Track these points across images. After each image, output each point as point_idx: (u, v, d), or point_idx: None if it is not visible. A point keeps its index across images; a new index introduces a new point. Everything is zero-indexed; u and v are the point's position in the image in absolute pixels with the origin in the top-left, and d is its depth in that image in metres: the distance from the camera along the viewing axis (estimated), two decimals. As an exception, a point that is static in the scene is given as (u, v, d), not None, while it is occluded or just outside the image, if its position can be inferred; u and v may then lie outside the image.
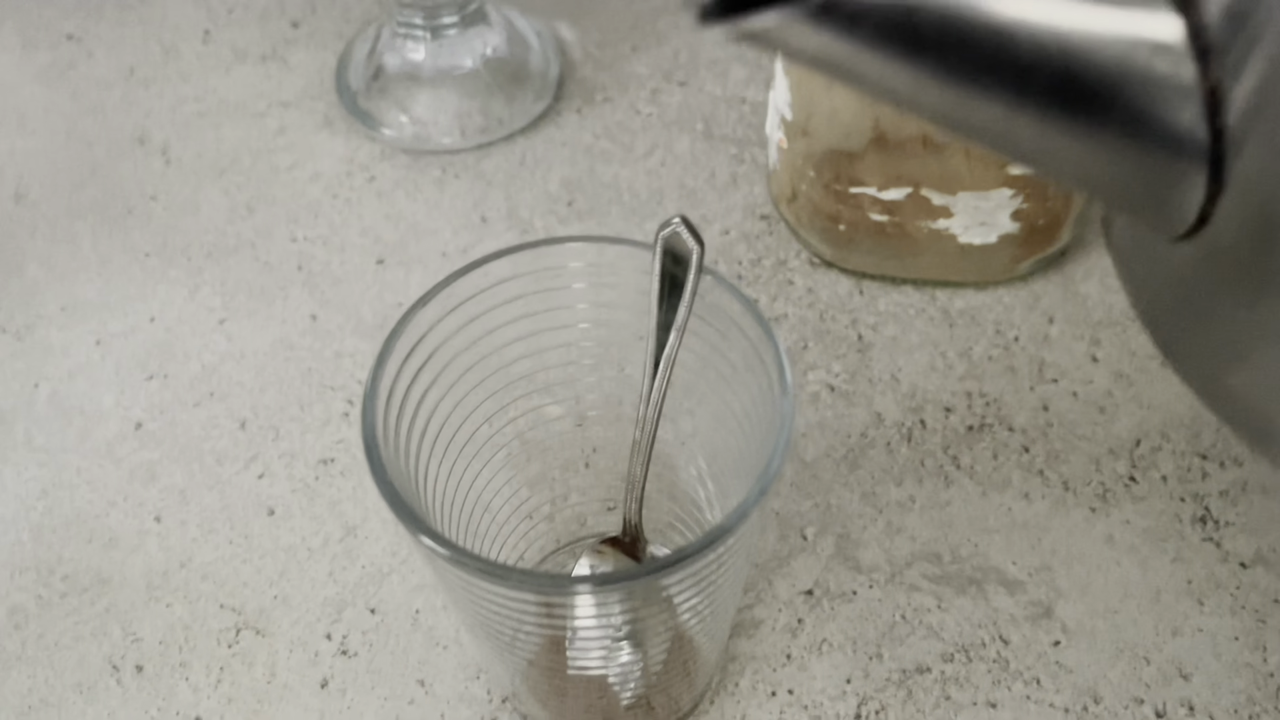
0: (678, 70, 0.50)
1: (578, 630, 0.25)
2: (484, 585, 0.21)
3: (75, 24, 0.52)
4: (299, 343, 0.41)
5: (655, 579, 0.21)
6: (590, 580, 0.21)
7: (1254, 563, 0.35)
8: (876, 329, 0.41)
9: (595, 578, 0.21)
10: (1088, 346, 0.40)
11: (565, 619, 0.24)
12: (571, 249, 0.26)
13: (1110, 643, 0.33)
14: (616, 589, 0.21)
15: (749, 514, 0.22)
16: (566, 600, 0.23)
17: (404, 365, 0.25)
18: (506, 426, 0.30)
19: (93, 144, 0.47)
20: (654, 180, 0.45)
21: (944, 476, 0.37)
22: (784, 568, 0.35)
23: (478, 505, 0.30)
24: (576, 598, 0.22)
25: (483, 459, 0.30)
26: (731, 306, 0.25)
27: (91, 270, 0.43)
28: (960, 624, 0.34)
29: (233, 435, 0.39)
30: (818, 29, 0.16)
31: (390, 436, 0.24)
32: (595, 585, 0.21)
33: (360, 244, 0.44)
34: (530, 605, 0.23)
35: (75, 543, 0.36)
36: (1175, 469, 0.37)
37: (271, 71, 0.50)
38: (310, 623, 0.34)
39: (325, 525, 0.36)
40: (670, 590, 0.22)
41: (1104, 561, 0.35)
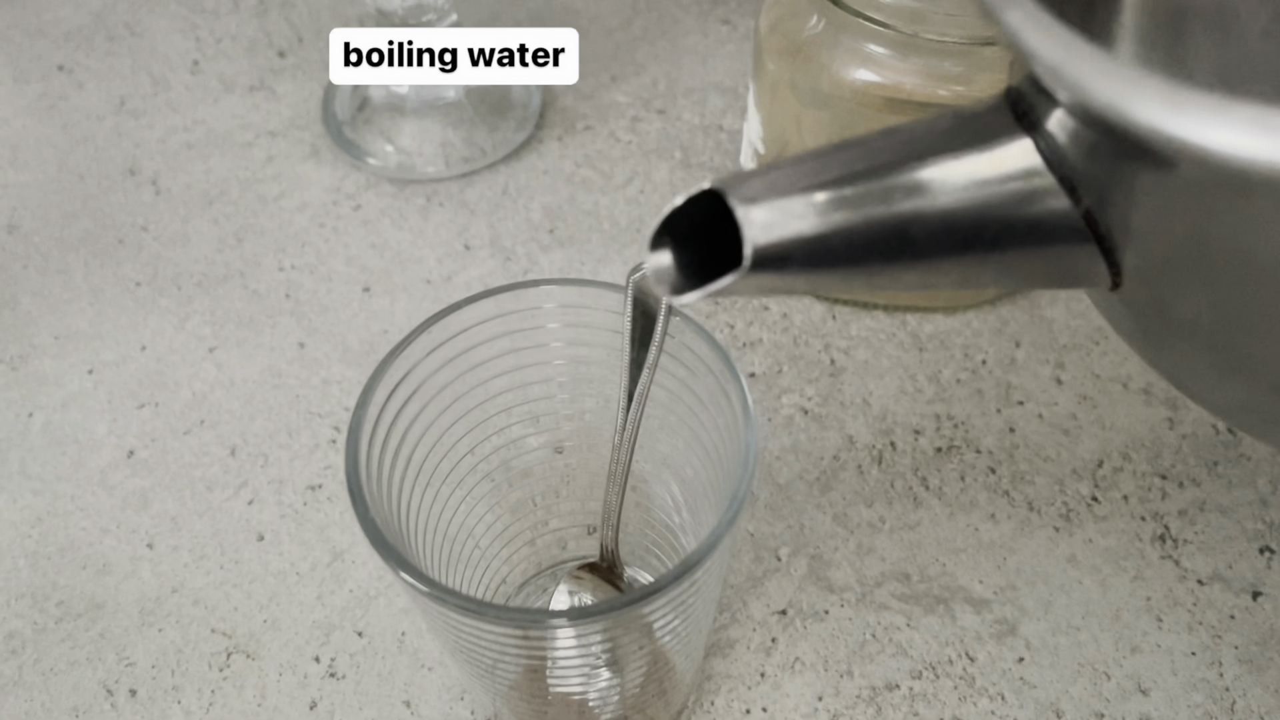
0: (656, 99, 0.51)
1: (557, 659, 0.26)
2: (463, 620, 0.23)
3: (65, 55, 0.53)
4: (287, 370, 0.42)
5: (631, 610, 0.22)
6: (567, 615, 0.22)
7: (1211, 580, 0.36)
8: (849, 353, 0.42)
9: (572, 612, 0.22)
10: (1053, 370, 0.41)
11: (544, 649, 0.25)
12: (547, 291, 0.27)
13: (1072, 659, 0.35)
14: (593, 621, 0.22)
15: (718, 543, 0.23)
16: (545, 633, 0.24)
17: (386, 403, 0.26)
18: (490, 456, 0.31)
19: (84, 176, 0.48)
20: (633, 208, 0.47)
21: (913, 498, 0.38)
22: (758, 588, 0.36)
23: (460, 530, 0.31)
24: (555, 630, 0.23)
25: (465, 487, 0.31)
26: (699, 346, 0.26)
27: (84, 300, 0.44)
28: (928, 642, 0.35)
29: (223, 462, 0.40)
30: (759, 276, 0.20)
31: (373, 471, 0.25)
32: (572, 619, 0.22)
33: (347, 272, 0.45)
34: (510, 637, 0.24)
35: (70, 569, 0.37)
36: (1136, 489, 0.38)
37: (259, 102, 0.51)
38: (299, 646, 0.36)
39: (313, 550, 0.37)
40: (647, 618, 0.24)
41: (1066, 581, 0.36)
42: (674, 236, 0.22)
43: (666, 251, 0.22)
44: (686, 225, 0.22)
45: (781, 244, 0.20)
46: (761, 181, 0.20)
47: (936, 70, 0.33)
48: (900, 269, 0.21)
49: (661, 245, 0.22)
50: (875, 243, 0.21)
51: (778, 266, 0.20)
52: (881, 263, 0.21)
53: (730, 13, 0.54)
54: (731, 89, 0.51)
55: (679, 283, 0.22)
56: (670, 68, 0.52)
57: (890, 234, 0.20)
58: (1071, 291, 0.43)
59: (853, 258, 0.21)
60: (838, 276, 0.21)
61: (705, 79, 0.52)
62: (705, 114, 0.50)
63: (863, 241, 0.20)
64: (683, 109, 0.50)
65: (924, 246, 0.21)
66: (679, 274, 0.22)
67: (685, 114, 0.50)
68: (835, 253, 0.21)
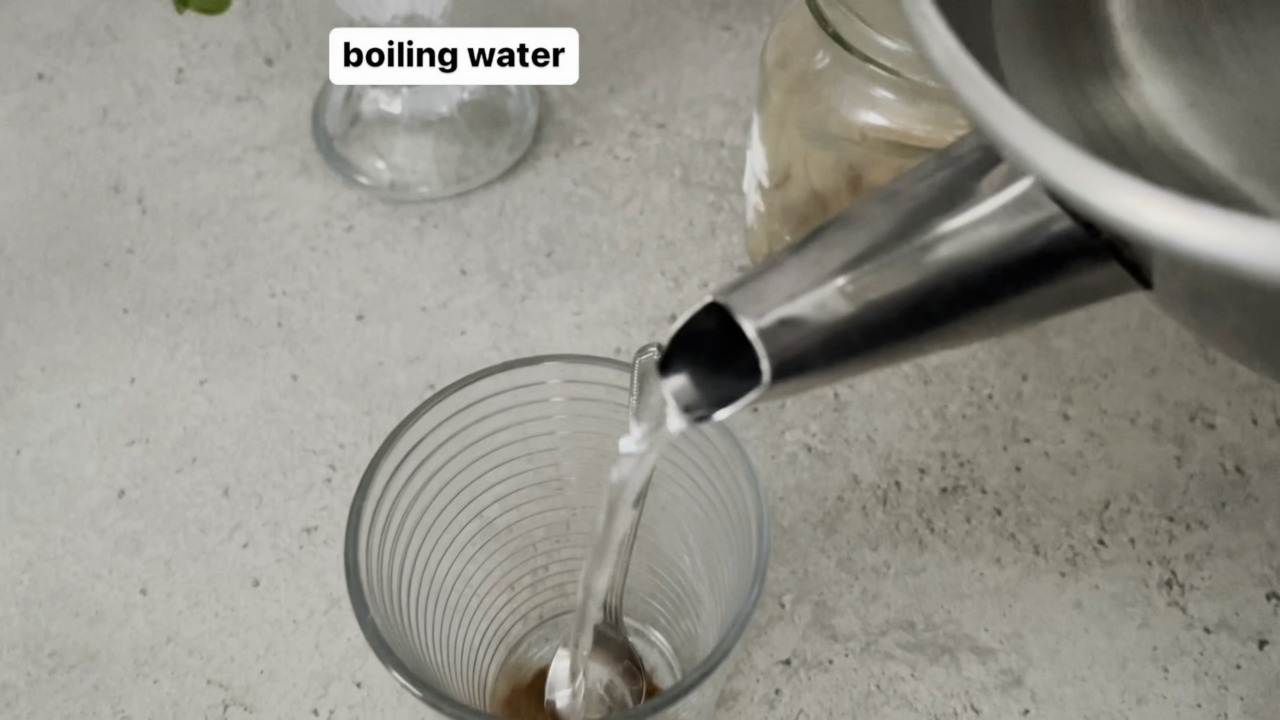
0: (656, 112, 0.50)
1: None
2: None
3: (45, 62, 0.52)
4: (280, 404, 0.41)
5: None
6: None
7: (1218, 628, 0.36)
8: (853, 386, 0.41)
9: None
10: (1060, 405, 0.41)
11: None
12: (551, 368, 0.27)
13: (1078, 711, 0.34)
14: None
15: (729, 651, 0.22)
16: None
17: (390, 481, 0.26)
18: (497, 519, 0.31)
19: (67, 194, 0.47)
20: (633, 230, 0.46)
21: (918, 541, 0.38)
22: (762, 637, 0.36)
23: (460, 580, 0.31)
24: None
25: (471, 549, 0.30)
26: (715, 437, 0.26)
27: (70, 329, 0.43)
28: (933, 693, 0.35)
29: (216, 503, 0.39)
30: (780, 385, 0.19)
31: (373, 562, 0.25)
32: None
33: (340, 299, 0.44)
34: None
35: (62, 617, 0.37)
36: (1143, 532, 0.38)
37: (247, 113, 0.50)
38: (297, 698, 0.35)
39: (310, 597, 0.37)
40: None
41: (1073, 629, 0.36)
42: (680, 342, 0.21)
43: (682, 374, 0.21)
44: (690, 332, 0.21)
45: (799, 353, 0.20)
46: (766, 287, 0.20)
47: (948, 118, 0.32)
48: (923, 341, 0.21)
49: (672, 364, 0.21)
50: (894, 323, 0.20)
51: (797, 372, 0.20)
52: (903, 339, 0.20)
53: (731, 18, 0.53)
54: (733, 101, 0.50)
55: (696, 398, 0.21)
56: (670, 77, 0.51)
57: (909, 308, 0.20)
58: (1079, 322, 0.43)
59: (873, 344, 0.20)
60: (859, 364, 0.20)
61: (706, 89, 0.50)
62: (706, 128, 0.49)
63: (881, 325, 0.20)
64: (683, 123, 0.49)
65: (944, 312, 0.20)
66: (694, 387, 0.21)
67: (685, 128, 0.49)
68: (854, 344, 0.20)
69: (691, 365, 0.21)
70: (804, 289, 0.19)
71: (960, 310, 0.20)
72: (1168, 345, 0.42)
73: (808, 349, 0.19)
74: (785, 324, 0.19)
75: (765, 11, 0.53)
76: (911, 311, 0.19)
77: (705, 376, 0.21)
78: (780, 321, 0.19)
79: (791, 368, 0.19)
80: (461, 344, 0.42)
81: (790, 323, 0.19)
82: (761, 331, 0.19)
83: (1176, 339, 0.42)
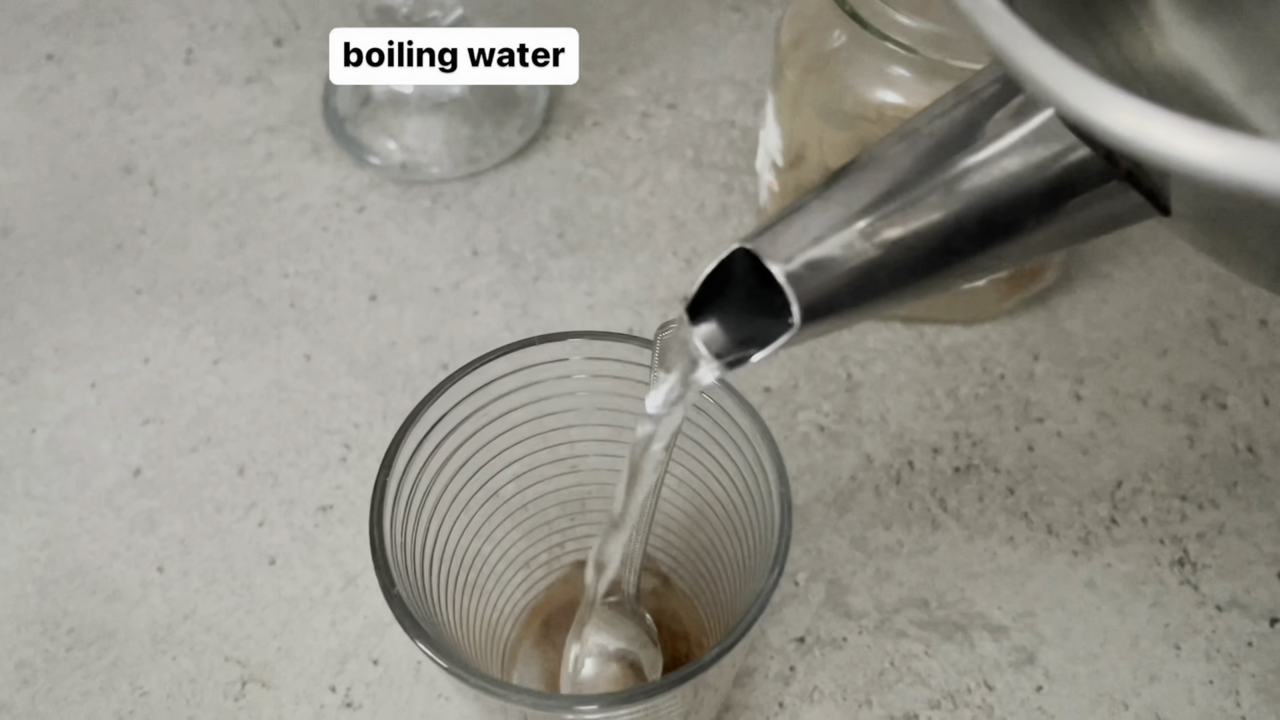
0: (666, 92, 0.49)
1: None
2: (488, 699, 0.22)
3: (54, 44, 0.51)
4: (293, 384, 0.41)
5: (658, 698, 0.22)
6: (596, 701, 0.22)
7: (1229, 606, 0.36)
8: (865, 367, 0.41)
9: (601, 699, 0.22)
10: (1071, 385, 0.41)
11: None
12: (572, 345, 0.27)
13: (1090, 689, 0.35)
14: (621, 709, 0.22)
15: (747, 631, 0.23)
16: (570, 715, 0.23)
17: (411, 459, 0.26)
18: (513, 498, 0.31)
19: (78, 175, 0.47)
20: (644, 211, 0.46)
21: (931, 520, 0.38)
22: (776, 615, 0.36)
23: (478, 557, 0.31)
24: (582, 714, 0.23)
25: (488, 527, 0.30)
26: (727, 404, 0.26)
27: (82, 310, 0.43)
28: (946, 670, 0.35)
29: (231, 482, 0.39)
30: (810, 328, 0.19)
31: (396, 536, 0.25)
32: (601, 707, 0.22)
33: (352, 279, 0.44)
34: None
35: (79, 595, 0.37)
36: (1155, 511, 0.38)
37: (256, 94, 0.50)
38: (314, 675, 0.35)
39: (326, 575, 0.37)
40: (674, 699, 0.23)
41: (1085, 607, 0.36)
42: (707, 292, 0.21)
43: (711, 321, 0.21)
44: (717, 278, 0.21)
45: (827, 294, 0.20)
46: (792, 231, 0.20)
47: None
48: (948, 275, 0.21)
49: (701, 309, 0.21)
50: (920, 260, 0.20)
51: (827, 313, 0.20)
52: (929, 275, 0.20)
53: (741, 0, 0.53)
54: (743, 82, 0.50)
55: (727, 345, 0.21)
56: (680, 59, 0.51)
57: (934, 245, 0.20)
58: (1091, 303, 0.43)
59: (899, 281, 0.20)
60: (887, 301, 0.21)
61: (716, 70, 0.50)
62: (717, 109, 0.49)
63: (907, 263, 0.20)
64: (694, 104, 0.49)
65: (969, 247, 0.20)
66: (724, 333, 0.21)
67: (696, 109, 0.49)
68: (881, 283, 0.20)
69: (720, 312, 0.21)
70: (830, 231, 0.19)
71: (985, 244, 0.20)
72: (1179, 327, 0.42)
73: (836, 290, 0.20)
74: (813, 266, 0.19)
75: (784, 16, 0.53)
76: (936, 248, 0.20)
77: (734, 323, 0.21)
78: (808, 264, 0.19)
79: (821, 309, 0.20)
80: (474, 324, 0.43)
81: (818, 265, 0.19)
82: (790, 275, 0.19)
83: (1187, 320, 0.42)
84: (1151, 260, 0.44)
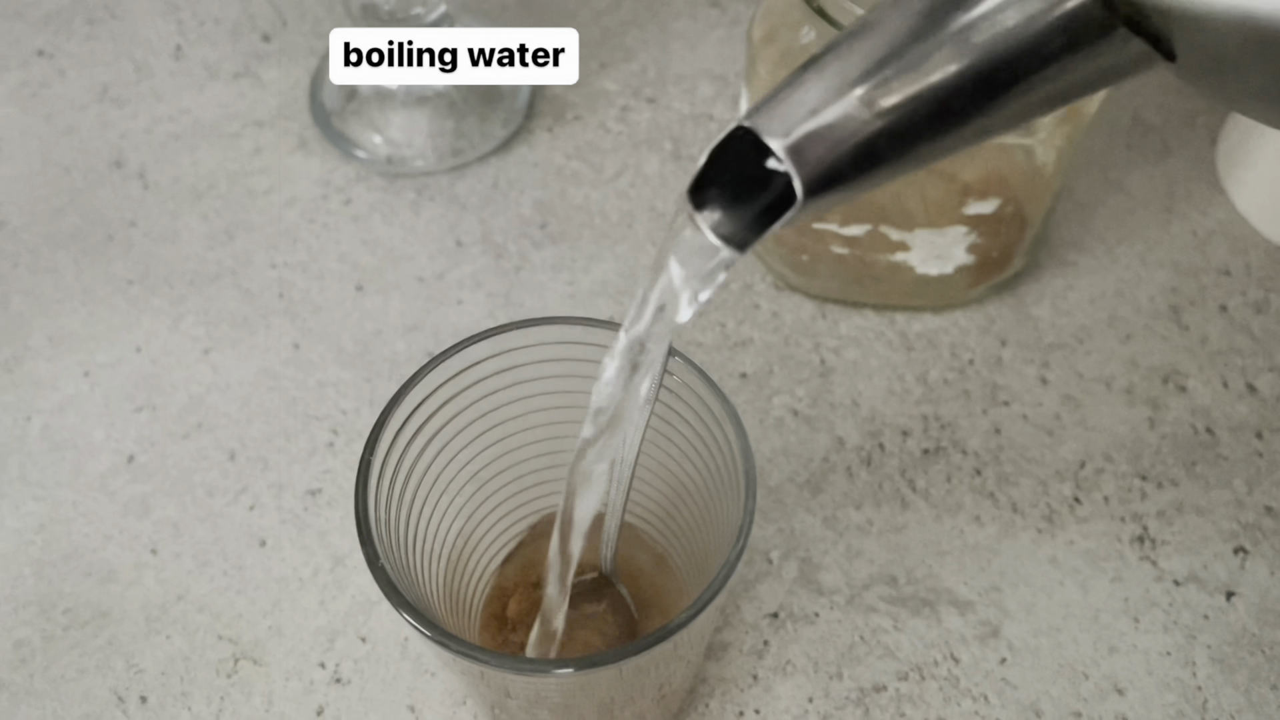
0: (646, 86, 0.51)
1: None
2: (469, 665, 0.23)
3: (45, 39, 0.52)
4: (282, 372, 0.42)
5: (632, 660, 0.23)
6: (572, 664, 0.23)
7: (1186, 580, 0.37)
8: (838, 353, 0.43)
9: (576, 661, 0.23)
10: (1038, 370, 0.42)
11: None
12: (545, 331, 0.28)
13: (1053, 660, 0.36)
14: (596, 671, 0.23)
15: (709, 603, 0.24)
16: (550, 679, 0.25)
17: (395, 438, 0.27)
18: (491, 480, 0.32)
19: (70, 169, 0.48)
20: (624, 202, 0.47)
21: (901, 500, 0.39)
22: (750, 591, 0.37)
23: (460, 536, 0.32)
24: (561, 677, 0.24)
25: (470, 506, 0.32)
26: (697, 385, 0.27)
27: (75, 300, 0.44)
28: (914, 644, 0.36)
29: (222, 467, 0.40)
30: (814, 202, 0.19)
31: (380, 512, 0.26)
32: (577, 668, 0.23)
33: (339, 270, 0.45)
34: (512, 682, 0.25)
35: (74, 577, 0.38)
36: (1116, 490, 0.39)
37: (245, 89, 0.51)
38: (304, 652, 0.36)
39: (315, 556, 0.38)
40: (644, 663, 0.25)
41: (1048, 583, 0.37)
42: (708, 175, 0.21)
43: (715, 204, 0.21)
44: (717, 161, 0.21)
45: (828, 166, 0.19)
46: (788, 104, 0.20)
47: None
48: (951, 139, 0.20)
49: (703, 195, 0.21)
50: (920, 124, 0.20)
51: (829, 186, 0.20)
52: (931, 140, 0.20)
53: (720, -5, 0.54)
54: (721, 76, 0.51)
55: (733, 228, 0.21)
56: (660, 54, 0.52)
57: (934, 108, 0.20)
58: (1057, 290, 0.44)
59: (900, 149, 0.20)
60: (889, 170, 0.20)
61: (695, 65, 0.51)
62: (695, 102, 0.50)
63: (907, 128, 0.20)
64: (673, 97, 0.50)
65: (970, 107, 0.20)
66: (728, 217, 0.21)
67: (675, 103, 0.50)
68: (882, 152, 0.20)
69: (723, 195, 0.21)
70: (826, 102, 0.19)
71: (986, 103, 0.20)
72: (1142, 313, 0.44)
73: (837, 161, 0.19)
74: (812, 138, 0.19)
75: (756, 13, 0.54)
76: (936, 111, 0.19)
77: (738, 204, 0.21)
78: (807, 136, 0.19)
79: (823, 182, 0.19)
80: (458, 313, 0.44)
81: (816, 137, 0.19)
82: (789, 149, 0.19)
83: (1150, 306, 0.44)
84: (1116, 249, 0.45)
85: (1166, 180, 0.48)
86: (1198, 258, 0.45)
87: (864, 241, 0.40)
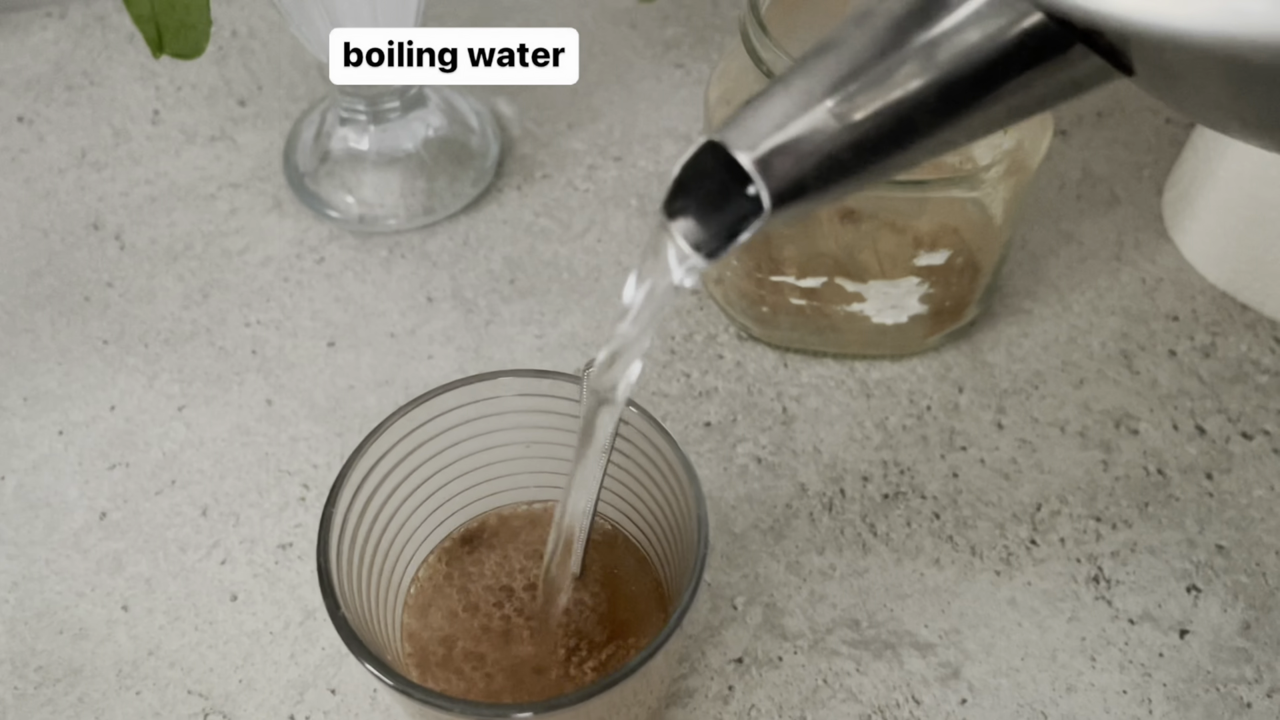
0: (612, 146, 0.52)
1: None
2: (429, 711, 0.24)
3: (25, 105, 0.54)
4: (256, 428, 0.43)
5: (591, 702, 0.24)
6: (531, 709, 0.24)
7: (1141, 619, 0.38)
8: (800, 401, 0.44)
9: (536, 705, 0.24)
10: (994, 415, 0.43)
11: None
12: (506, 383, 0.29)
13: (1012, 700, 0.37)
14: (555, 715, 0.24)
15: (667, 643, 0.25)
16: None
17: (357, 493, 0.28)
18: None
19: (48, 232, 0.49)
20: (591, 258, 0.48)
21: (862, 544, 0.40)
22: (715, 637, 0.38)
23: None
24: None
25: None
26: (652, 434, 0.28)
27: (51, 360, 0.45)
28: (877, 686, 0.37)
29: (195, 523, 0.41)
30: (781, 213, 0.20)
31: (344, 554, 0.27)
32: (537, 713, 0.24)
33: (311, 327, 0.46)
34: None
35: (47, 634, 0.38)
36: (1072, 531, 0.40)
37: (221, 152, 0.52)
38: (274, 705, 0.37)
39: (286, 609, 0.39)
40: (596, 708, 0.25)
41: (1007, 624, 0.38)
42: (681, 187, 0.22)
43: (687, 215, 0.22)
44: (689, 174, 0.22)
45: (795, 179, 0.20)
46: (756, 119, 0.20)
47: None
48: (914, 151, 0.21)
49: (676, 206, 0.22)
50: (884, 138, 0.20)
51: (796, 197, 0.20)
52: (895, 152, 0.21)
53: (683, 56, 0.56)
54: (685, 135, 0.52)
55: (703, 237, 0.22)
56: (625, 113, 0.53)
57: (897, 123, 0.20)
58: (1012, 337, 0.45)
59: (865, 161, 0.21)
60: (854, 182, 0.21)
61: (660, 124, 0.53)
62: (660, 160, 0.52)
63: (871, 141, 0.20)
64: (638, 156, 0.52)
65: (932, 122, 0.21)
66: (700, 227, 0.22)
67: (641, 160, 0.52)
68: (847, 164, 0.21)
69: (695, 206, 0.22)
70: (792, 116, 0.20)
71: (948, 118, 0.20)
72: (1094, 358, 0.45)
73: (803, 173, 0.20)
74: (779, 152, 0.20)
75: (715, 50, 0.56)
76: (900, 125, 0.20)
77: (709, 215, 0.22)
78: (774, 150, 0.20)
79: (790, 194, 0.20)
80: (429, 368, 0.45)
81: (783, 150, 0.20)
82: (757, 161, 0.20)
83: (1102, 352, 0.45)
84: (1068, 297, 0.47)
85: (1116, 230, 0.49)
86: (1147, 304, 0.47)
87: (821, 293, 0.42)
